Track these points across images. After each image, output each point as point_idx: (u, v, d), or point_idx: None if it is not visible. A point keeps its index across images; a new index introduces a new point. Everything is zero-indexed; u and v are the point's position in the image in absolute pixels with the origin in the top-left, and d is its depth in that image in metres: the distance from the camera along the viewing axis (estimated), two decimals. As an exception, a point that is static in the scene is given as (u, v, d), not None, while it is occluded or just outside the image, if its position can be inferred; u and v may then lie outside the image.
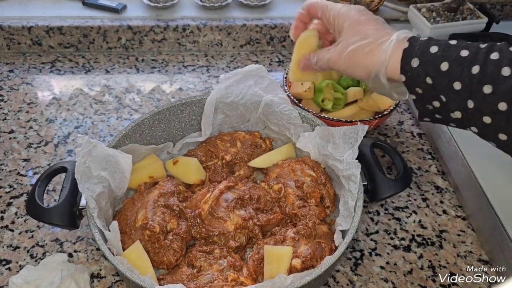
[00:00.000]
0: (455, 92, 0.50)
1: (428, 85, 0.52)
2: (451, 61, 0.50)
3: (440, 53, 0.51)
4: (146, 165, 0.77)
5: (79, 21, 1.12)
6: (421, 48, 0.53)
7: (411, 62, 0.53)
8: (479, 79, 0.48)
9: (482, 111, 0.49)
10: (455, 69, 0.50)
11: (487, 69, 0.48)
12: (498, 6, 1.20)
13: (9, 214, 0.78)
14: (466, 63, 0.49)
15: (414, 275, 0.71)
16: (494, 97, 0.47)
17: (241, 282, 0.62)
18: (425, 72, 0.52)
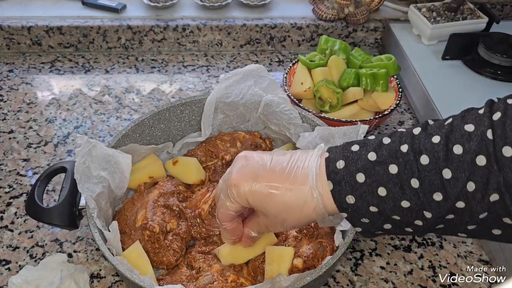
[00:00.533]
0: (407, 209, 0.45)
1: (374, 213, 0.47)
2: (386, 184, 0.45)
3: (370, 180, 0.46)
4: (146, 165, 0.77)
5: (79, 21, 1.12)
6: (347, 182, 0.47)
7: (346, 200, 0.47)
8: (424, 191, 0.44)
9: (443, 215, 0.44)
10: (394, 190, 0.45)
11: (425, 179, 0.44)
12: (498, 6, 1.20)
13: (9, 214, 0.78)
14: (403, 180, 0.44)
15: (414, 275, 0.71)
16: (448, 202, 0.43)
17: (241, 283, 0.62)
18: (366, 203, 0.47)
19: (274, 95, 0.79)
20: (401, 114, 1.00)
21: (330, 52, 0.98)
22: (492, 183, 0.41)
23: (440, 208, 0.44)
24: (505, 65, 0.97)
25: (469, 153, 0.42)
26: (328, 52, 0.98)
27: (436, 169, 0.43)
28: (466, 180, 0.42)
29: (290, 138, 0.80)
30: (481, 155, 0.41)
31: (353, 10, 1.13)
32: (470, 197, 0.42)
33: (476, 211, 0.43)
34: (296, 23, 1.14)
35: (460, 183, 0.42)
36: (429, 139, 0.44)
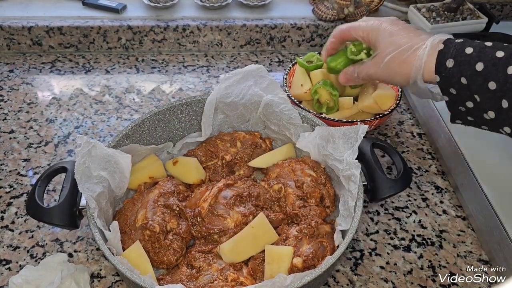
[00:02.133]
0: (490, 92, 0.51)
1: (463, 85, 0.53)
2: (486, 62, 0.51)
3: (475, 54, 0.52)
4: (146, 166, 0.77)
5: (79, 21, 1.12)
6: (456, 49, 0.54)
7: (446, 63, 0.54)
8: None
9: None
10: (490, 69, 0.51)
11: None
12: (498, 6, 1.20)
13: (9, 214, 0.78)
14: (501, 64, 0.50)
15: (414, 275, 0.71)
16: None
17: (241, 282, 0.62)
18: (459, 72, 0.53)
19: (274, 95, 0.79)
20: (400, 114, 1.00)
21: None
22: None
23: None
24: (505, 65, 0.96)
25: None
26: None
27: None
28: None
29: (290, 138, 0.81)
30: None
31: (353, 10, 1.13)
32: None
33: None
34: (296, 24, 1.14)
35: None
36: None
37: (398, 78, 0.63)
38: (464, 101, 0.55)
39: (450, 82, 0.55)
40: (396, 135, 0.95)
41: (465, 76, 0.52)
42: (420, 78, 0.58)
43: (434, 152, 0.91)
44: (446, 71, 0.54)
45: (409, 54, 0.59)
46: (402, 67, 0.61)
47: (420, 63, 0.57)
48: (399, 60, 0.60)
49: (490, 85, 0.51)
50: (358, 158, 0.70)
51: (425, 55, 0.57)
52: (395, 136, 0.94)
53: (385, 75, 0.65)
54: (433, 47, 0.57)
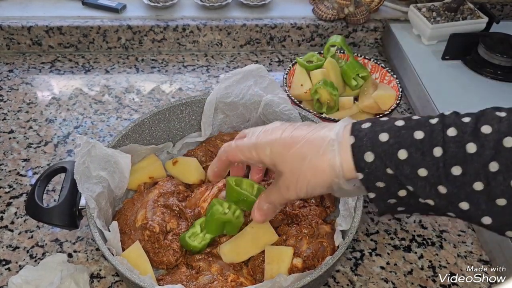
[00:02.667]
0: (422, 179, 0.44)
1: (390, 176, 0.46)
2: (408, 148, 0.45)
3: (393, 140, 0.45)
4: (146, 166, 0.77)
5: (79, 21, 1.12)
6: (369, 139, 0.46)
7: (364, 158, 0.46)
8: (444, 162, 0.43)
9: (458, 196, 0.43)
10: (415, 156, 0.44)
11: (449, 150, 0.43)
12: (498, 6, 1.20)
13: (9, 214, 0.78)
14: (426, 147, 0.44)
15: (414, 275, 0.71)
16: (466, 178, 0.42)
17: (241, 282, 0.62)
18: (383, 164, 0.45)
19: (274, 95, 0.79)
20: (401, 114, 1.00)
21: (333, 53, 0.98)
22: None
23: (456, 184, 0.43)
24: (505, 65, 0.97)
25: (497, 133, 0.41)
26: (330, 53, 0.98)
27: (461, 142, 0.43)
28: (489, 159, 0.41)
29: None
30: (510, 137, 0.41)
31: (353, 10, 1.13)
32: (490, 177, 0.41)
33: (495, 195, 0.41)
34: (296, 23, 1.14)
35: (483, 160, 0.41)
36: (459, 118, 0.45)
37: (318, 190, 0.51)
38: (395, 192, 0.47)
39: (376, 176, 0.46)
40: (396, 135, 0.94)
41: (390, 167, 0.45)
42: (343, 181, 0.48)
43: (434, 152, 0.91)
44: (368, 166, 0.46)
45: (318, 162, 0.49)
46: (317, 178, 0.49)
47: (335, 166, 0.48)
48: (311, 173, 0.49)
49: (421, 172, 0.44)
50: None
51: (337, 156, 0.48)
52: (395, 136, 0.94)
53: (303, 193, 0.51)
54: (342, 143, 0.48)
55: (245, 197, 0.67)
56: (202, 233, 0.66)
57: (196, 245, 0.65)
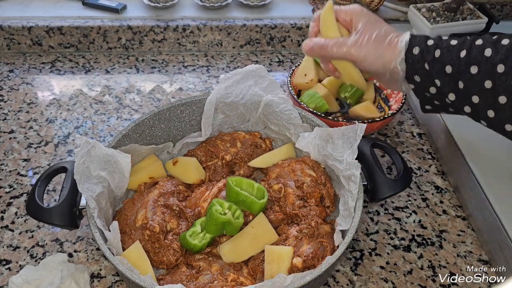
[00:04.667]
0: (447, 75, 0.58)
1: (425, 70, 0.60)
2: (443, 49, 0.58)
3: (434, 43, 0.60)
4: (146, 166, 0.77)
5: (79, 21, 1.12)
6: (420, 40, 0.61)
7: (412, 50, 0.61)
8: (466, 61, 0.56)
9: (472, 90, 0.56)
10: (446, 55, 0.58)
11: (472, 52, 0.56)
12: (498, 6, 1.20)
13: (9, 214, 0.78)
14: (455, 49, 0.57)
15: (414, 275, 0.71)
16: (479, 77, 0.55)
17: (241, 282, 0.62)
18: (423, 58, 0.60)
19: (274, 95, 0.79)
20: (401, 114, 1.00)
21: None
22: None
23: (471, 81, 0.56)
24: (505, 65, 0.96)
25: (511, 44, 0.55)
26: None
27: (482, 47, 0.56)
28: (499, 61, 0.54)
29: (290, 138, 0.81)
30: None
31: (353, 10, 1.13)
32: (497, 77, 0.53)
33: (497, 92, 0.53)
34: (296, 23, 1.14)
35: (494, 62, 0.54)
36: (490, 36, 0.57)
37: (378, 61, 0.65)
38: (428, 87, 0.61)
39: (415, 68, 0.61)
40: (396, 135, 0.95)
41: (427, 61, 0.59)
42: (400, 61, 0.62)
43: (434, 152, 0.91)
44: (413, 57, 0.61)
45: (392, 39, 0.64)
46: (386, 49, 0.64)
47: (402, 48, 0.62)
48: (384, 43, 0.64)
49: (447, 69, 0.57)
50: (358, 158, 0.70)
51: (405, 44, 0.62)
52: (395, 136, 0.94)
53: (364, 55, 0.66)
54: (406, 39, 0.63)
55: (244, 198, 0.67)
56: (203, 232, 0.66)
57: (196, 244, 0.65)
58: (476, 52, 0.56)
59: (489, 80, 0.54)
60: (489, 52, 0.54)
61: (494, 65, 0.54)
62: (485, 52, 0.55)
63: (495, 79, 0.53)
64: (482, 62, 0.55)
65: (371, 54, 0.65)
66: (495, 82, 0.53)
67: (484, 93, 0.55)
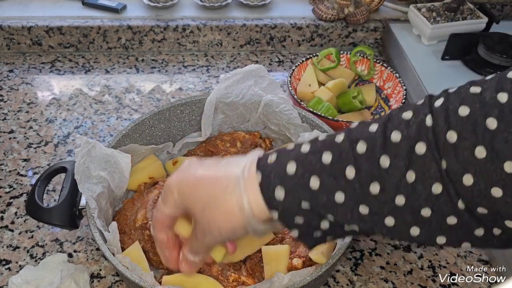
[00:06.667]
0: (341, 205, 0.41)
1: (307, 210, 0.42)
2: (319, 174, 0.41)
3: (301, 170, 0.41)
4: (146, 166, 0.77)
5: (79, 21, 1.12)
6: (277, 173, 0.42)
7: (275, 195, 0.42)
8: (360, 181, 0.40)
9: (382, 213, 0.40)
10: (327, 182, 0.41)
11: (362, 167, 0.40)
12: (498, 6, 1.20)
13: (9, 214, 0.78)
14: (337, 170, 0.40)
15: (414, 275, 0.71)
16: (386, 194, 0.39)
17: (243, 281, 0.62)
18: (297, 197, 0.41)
19: (274, 95, 0.79)
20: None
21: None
22: (434, 172, 0.37)
23: (377, 203, 0.40)
24: (505, 65, 0.97)
25: (408, 140, 0.38)
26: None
27: (373, 157, 0.39)
28: (405, 170, 0.38)
29: (290, 138, 0.81)
30: (421, 143, 0.38)
31: (353, 10, 1.13)
32: (410, 189, 0.38)
33: (418, 205, 0.38)
34: (296, 23, 1.14)
35: (399, 172, 0.38)
36: (366, 128, 0.41)
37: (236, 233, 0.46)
38: (318, 225, 0.43)
39: (291, 212, 0.42)
40: (396, 135, 0.94)
41: (304, 199, 0.41)
42: (255, 222, 0.44)
43: (434, 152, 0.91)
44: (281, 204, 0.42)
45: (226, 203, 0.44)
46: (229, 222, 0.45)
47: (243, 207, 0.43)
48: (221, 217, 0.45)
49: (338, 196, 0.40)
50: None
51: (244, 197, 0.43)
52: (395, 136, 0.94)
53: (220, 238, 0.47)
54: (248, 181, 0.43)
55: None
56: None
57: None
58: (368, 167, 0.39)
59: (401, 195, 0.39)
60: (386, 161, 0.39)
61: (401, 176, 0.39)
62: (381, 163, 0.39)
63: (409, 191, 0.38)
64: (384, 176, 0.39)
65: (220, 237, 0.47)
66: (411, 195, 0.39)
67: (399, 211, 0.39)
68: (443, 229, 0.39)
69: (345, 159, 0.40)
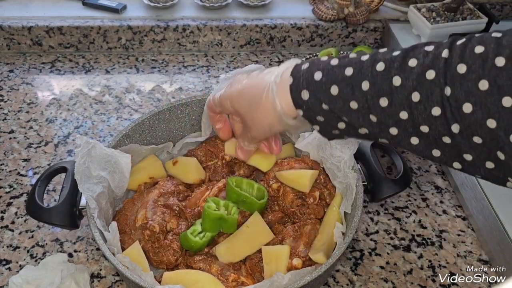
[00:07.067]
0: (355, 112, 0.48)
1: (327, 111, 0.50)
2: (339, 83, 0.48)
3: (325, 78, 0.49)
4: (146, 166, 0.77)
5: (79, 21, 1.12)
6: (305, 78, 0.51)
7: (301, 96, 0.51)
8: (372, 94, 0.46)
9: (387, 124, 0.47)
10: (345, 91, 0.48)
11: (376, 83, 0.46)
12: (498, 6, 1.20)
13: (9, 214, 0.78)
14: (355, 81, 0.47)
15: (414, 275, 0.71)
16: (393, 108, 0.45)
17: (242, 281, 0.62)
18: (318, 100, 0.50)
19: (274, 95, 0.79)
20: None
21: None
22: (436, 96, 0.42)
23: (384, 114, 0.46)
24: (505, 65, 0.96)
25: (421, 66, 0.44)
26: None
27: (388, 75, 0.45)
28: (412, 90, 0.44)
29: (289, 138, 0.81)
30: (432, 70, 0.43)
31: (353, 10, 1.13)
32: (413, 107, 0.44)
33: (418, 122, 0.44)
34: (296, 23, 1.14)
35: (406, 91, 0.44)
36: (391, 54, 0.47)
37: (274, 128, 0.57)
38: (335, 124, 0.51)
39: (314, 112, 0.51)
40: (396, 135, 0.95)
41: (325, 102, 0.49)
42: (287, 118, 0.54)
43: (434, 152, 0.91)
44: (305, 103, 0.51)
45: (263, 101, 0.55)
46: (267, 118, 0.56)
47: (276, 106, 0.53)
48: (260, 112, 0.56)
49: (352, 105, 0.48)
50: (358, 158, 0.70)
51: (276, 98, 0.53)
52: (395, 136, 0.94)
53: (259, 133, 0.60)
54: (280, 84, 0.53)
55: (244, 198, 0.67)
56: (203, 232, 0.66)
57: (197, 241, 0.65)
58: (381, 82, 0.46)
59: (404, 111, 0.45)
60: (398, 81, 0.45)
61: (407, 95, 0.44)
62: (394, 81, 0.45)
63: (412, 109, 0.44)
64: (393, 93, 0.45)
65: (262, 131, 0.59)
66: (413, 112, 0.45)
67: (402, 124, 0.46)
68: (438, 145, 0.45)
69: (364, 74, 0.47)
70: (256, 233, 0.66)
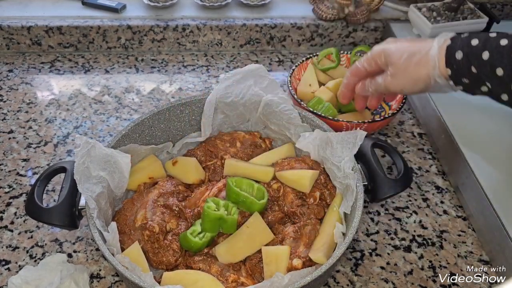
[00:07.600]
0: (498, 78, 0.56)
1: (474, 74, 0.58)
2: (492, 50, 0.56)
3: (481, 44, 0.57)
4: (146, 166, 0.76)
5: (79, 21, 1.12)
6: (462, 42, 0.59)
7: (455, 55, 0.60)
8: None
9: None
10: (496, 57, 0.55)
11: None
12: (498, 6, 1.20)
13: (9, 214, 0.78)
14: (506, 51, 0.55)
15: (414, 275, 0.71)
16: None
17: (242, 282, 0.62)
18: (469, 62, 0.58)
19: (274, 95, 0.79)
20: (401, 114, 1.00)
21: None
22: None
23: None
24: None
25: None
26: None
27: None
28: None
29: (290, 138, 0.80)
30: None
31: (353, 10, 1.13)
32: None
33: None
34: (296, 23, 1.14)
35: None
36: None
37: (418, 84, 0.66)
38: (479, 87, 0.60)
39: (461, 73, 0.60)
40: (396, 135, 0.94)
41: (474, 65, 0.57)
42: (438, 75, 0.63)
43: (434, 152, 0.91)
44: (457, 63, 0.59)
45: (421, 58, 0.64)
46: (419, 71, 0.64)
47: (434, 61, 0.62)
48: (415, 65, 0.64)
49: (498, 71, 0.55)
50: (358, 158, 0.69)
51: (436, 53, 0.62)
52: (396, 136, 0.94)
53: (402, 84, 0.68)
54: (441, 45, 0.62)
55: (244, 198, 0.67)
56: (203, 233, 0.66)
57: (197, 241, 0.65)
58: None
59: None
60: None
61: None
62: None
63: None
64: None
65: (408, 82, 0.66)
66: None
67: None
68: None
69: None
70: (256, 233, 0.66)
